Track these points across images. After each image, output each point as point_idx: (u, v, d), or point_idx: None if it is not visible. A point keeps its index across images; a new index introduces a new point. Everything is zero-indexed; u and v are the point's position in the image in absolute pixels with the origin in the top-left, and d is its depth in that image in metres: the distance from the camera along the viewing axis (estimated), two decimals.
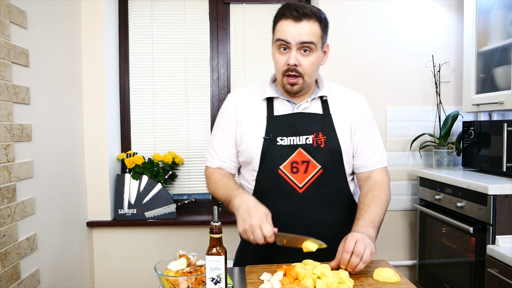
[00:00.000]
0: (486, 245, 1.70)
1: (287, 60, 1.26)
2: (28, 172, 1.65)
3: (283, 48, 1.27)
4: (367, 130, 1.39)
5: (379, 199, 1.30)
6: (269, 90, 1.37)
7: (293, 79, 1.27)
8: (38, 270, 1.71)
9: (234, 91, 1.47)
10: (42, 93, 1.79)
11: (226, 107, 1.43)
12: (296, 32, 1.23)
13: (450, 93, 2.45)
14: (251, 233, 1.15)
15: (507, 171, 1.87)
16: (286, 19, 1.24)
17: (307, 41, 1.24)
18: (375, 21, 2.40)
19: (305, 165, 1.30)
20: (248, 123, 1.36)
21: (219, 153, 1.41)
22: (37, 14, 1.75)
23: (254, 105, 1.38)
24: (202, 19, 2.53)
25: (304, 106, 1.35)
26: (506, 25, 1.95)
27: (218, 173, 1.40)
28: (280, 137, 1.31)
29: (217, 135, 1.43)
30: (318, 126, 1.33)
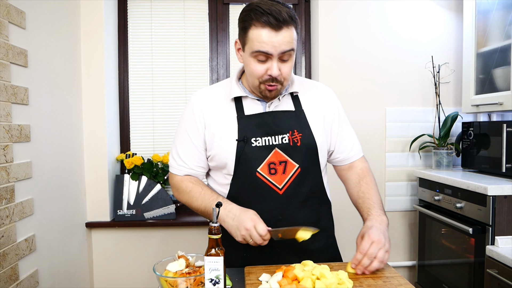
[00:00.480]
0: (486, 246, 1.70)
1: (268, 71, 1.18)
2: (27, 173, 1.64)
3: (262, 59, 1.17)
4: (342, 123, 1.38)
5: (373, 184, 1.35)
6: (237, 89, 1.29)
7: (273, 86, 1.22)
8: (37, 271, 1.71)
9: (196, 92, 1.36)
10: (41, 94, 1.79)
11: (190, 110, 1.32)
12: (278, 43, 1.13)
13: (449, 94, 2.45)
14: (249, 237, 1.14)
15: (506, 172, 1.87)
16: (263, 28, 1.13)
17: (288, 50, 1.16)
18: (374, 21, 2.40)
19: (283, 165, 1.26)
20: (217, 125, 1.28)
21: (186, 160, 1.32)
22: (36, 15, 1.75)
23: (221, 106, 1.30)
24: (202, 19, 2.53)
25: (276, 104, 1.30)
26: (506, 26, 1.95)
27: (188, 181, 1.32)
28: (254, 138, 1.25)
29: (182, 141, 1.33)
30: (293, 123, 1.28)
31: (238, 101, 1.30)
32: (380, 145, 2.43)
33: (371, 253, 1.11)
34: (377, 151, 2.43)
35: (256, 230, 1.13)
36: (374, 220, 1.22)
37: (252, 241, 1.14)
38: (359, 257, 1.12)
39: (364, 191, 1.32)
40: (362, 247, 1.13)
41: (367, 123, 2.41)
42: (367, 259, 1.11)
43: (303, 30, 2.54)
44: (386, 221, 1.24)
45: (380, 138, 2.43)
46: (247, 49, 1.19)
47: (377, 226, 1.19)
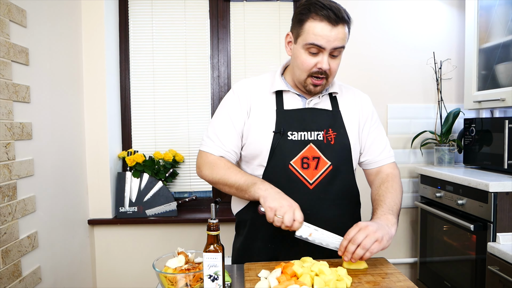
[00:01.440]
0: (487, 242, 1.70)
1: (318, 64, 1.22)
2: (29, 170, 1.65)
3: (313, 50, 1.21)
4: (374, 128, 1.41)
5: (394, 189, 1.31)
6: (279, 83, 1.33)
7: (320, 80, 1.25)
8: (39, 267, 1.72)
9: (239, 82, 1.39)
10: (42, 92, 1.80)
11: (235, 96, 1.35)
12: (333, 37, 1.18)
13: (451, 90, 2.44)
14: (282, 212, 1.12)
15: (508, 168, 1.86)
16: (321, 22, 1.17)
17: (340, 46, 1.21)
18: (376, 18, 2.39)
19: (315, 161, 1.28)
20: (257, 116, 1.32)
21: (225, 142, 1.32)
22: (37, 13, 1.76)
23: (262, 98, 1.34)
24: (202, 17, 2.53)
25: (315, 102, 1.34)
26: (508, 22, 1.94)
27: (226, 161, 1.31)
28: (291, 132, 1.28)
29: (223, 122, 1.33)
30: (328, 122, 1.32)
31: (279, 95, 1.34)
32: None
33: (356, 238, 1.09)
34: None
35: (292, 213, 1.12)
36: (377, 218, 1.21)
37: (281, 218, 1.12)
38: (344, 243, 1.11)
39: (380, 194, 1.31)
40: (348, 233, 1.12)
41: None
42: (352, 245, 1.09)
43: None
44: (391, 220, 1.21)
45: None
46: (300, 41, 1.23)
47: (376, 221, 1.19)
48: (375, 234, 1.10)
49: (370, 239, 1.09)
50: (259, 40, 2.54)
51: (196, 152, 2.55)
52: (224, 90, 2.54)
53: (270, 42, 2.54)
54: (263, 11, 2.53)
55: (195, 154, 2.55)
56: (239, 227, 1.45)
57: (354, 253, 1.09)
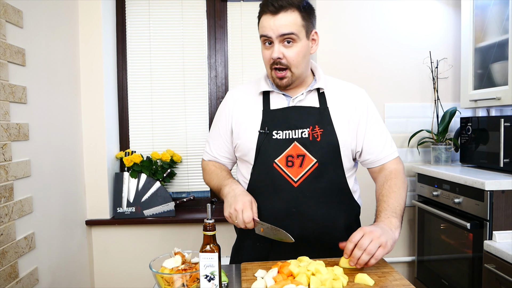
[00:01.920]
0: (483, 240, 1.71)
1: (271, 54, 1.26)
2: (26, 171, 1.65)
3: (268, 42, 1.27)
4: (372, 124, 1.36)
5: (397, 187, 1.29)
6: (264, 85, 1.37)
7: (281, 72, 1.27)
8: (36, 268, 1.72)
9: (233, 88, 1.51)
10: (39, 92, 1.79)
11: (223, 104, 1.46)
12: (275, 26, 1.22)
13: (448, 89, 2.45)
14: (235, 217, 1.21)
15: (504, 166, 1.87)
16: (265, 14, 1.25)
17: (286, 33, 1.22)
18: (372, 17, 2.40)
19: (300, 159, 1.27)
20: (244, 117, 1.36)
21: (212, 149, 1.47)
22: (33, 13, 1.76)
23: (250, 100, 1.38)
24: (200, 17, 2.53)
25: (300, 99, 1.33)
26: (503, 21, 1.95)
27: (212, 164, 1.47)
28: (276, 131, 1.30)
29: (212, 131, 1.48)
30: (315, 119, 1.30)
31: (266, 96, 1.37)
32: None
33: (362, 244, 1.07)
34: None
35: (241, 214, 1.20)
36: (380, 222, 1.19)
37: (236, 222, 1.22)
38: (350, 247, 1.09)
39: (384, 194, 1.28)
40: (353, 236, 1.10)
41: None
42: (358, 250, 1.08)
43: None
44: (395, 223, 1.19)
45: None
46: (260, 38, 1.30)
47: (379, 225, 1.17)
48: (379, 239, 1.08)
49: (375, 244, 1.07)
50: (256, 40, 2.52)
51: (193, 152, 2.55)
52: (221, 90, 2.54)
53: None
54: None
55: (193, 154, 2.55)
56: (235, 226, 1.46)
57: (360, 258, 1.08)
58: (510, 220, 1.68)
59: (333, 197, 1.31)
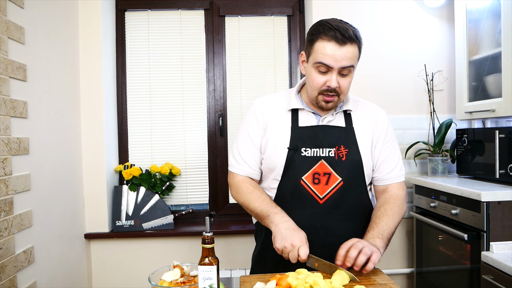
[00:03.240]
0: (481, 251, 1.71)
1: (327, 82, 1.27)
2: (26, 185, 1.66)
3: (323, 70, 1.27)
4: (388, 145, 1.42)
5: (392, 212, 1.34)
6: (295, 102, 1.39)
7: (330, 97, 1.29)
8: (35, 282, 1.72)
9: (259, 98, 1.48)
10: (39, 107, 1.82)
11: (253, 113, 1.43)
12: (340, 57, 1.22)
13: (443, 101, 2.48)
14: (287, 253, 1.19)
15: (500, 177, 1.89)
16: (329, 41, 1.22)
17: (348, 66, 1.25)
18: (367, 31, 2.44)
19: (326, 177, 1.32)
20: (273, 132, 1.38)
21: (247, 160, 1.41)
22: (34, 30, 1.79)
23: (279, 115, 1.40)
24: (198, 31, 2.58)
25: (329, 119, 1.38)
26: (496, 34, 1.99)
27: (249, 184, 1.41)
28: (304, 148, 1.33)
29: (243, 141, 1.43)
30: (341, 139, 1.35)
31: (295, 112, 1.39)
32: None
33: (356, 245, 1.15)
34: None
35: (298, 251, 1.17)
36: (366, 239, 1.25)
37: (286, 255, 1.20)
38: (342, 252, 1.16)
39: (377, 216, 1.34)
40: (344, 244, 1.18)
41: None
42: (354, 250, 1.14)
43: (298, 40, 2.58)
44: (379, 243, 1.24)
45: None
46: (310, 60, 1.30)
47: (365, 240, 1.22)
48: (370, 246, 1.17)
49: (369, 247, 1.15)
50: (254, 54, 2.59)
51: (192, 165, 2.57)
52: (220, 104, 2.57)
53: (265, 55, 2.58)
54: (258, 25, 2.58)
55: (192, 167, 2.57)
56: (256, 236, 1.50)
57: (357, 259, 1.13)
58: (506, 231, 1.69)
59: (355, 214, 1.37)
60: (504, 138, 1.86)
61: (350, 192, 1.34)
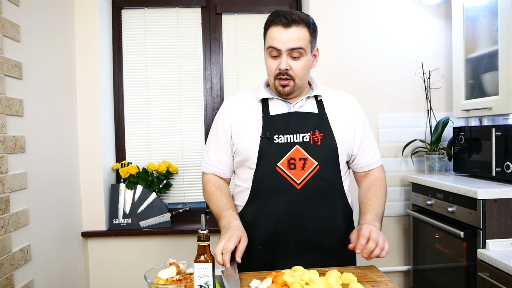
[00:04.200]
0: (477, 249, 1.72)
1: (279, 65, 1.30)
2: (22, 183, 1.66)
3: (274, 55, 1.31)
4: (366, 131, 1.45)
5: (381, 194, 1.41)
6: (264, 92, 1.41)
7: (285, 81, 1.32)
8: (32, 281, 1.72)
9: (228, 98, 1.51)
10: (36, 105, 1.81)
11: (220, 113, 1.47)
12: (286, 39, 1.27)
13: (440, 99, 2.48)
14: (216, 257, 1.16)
15: (496, 175, 1.89)
16: (275, 26, 1.29)
17: (296, 47, 1.28)
18: (365, 29, 2.44)
19: (302, 162, 1.33)
20: (244, 123, 1.40)
21: (213, 159, 1.46)
22: (30, 28, 1.78)
23: (249, 108, 1.42)
24: (195, 29, 2.57)
25: (300, 105, 1.39)
26: (492, 32, 1.99)
27: (212, 184, 1.45)
28: (277, 135, 1.34)
29: (211, 141, 1.48)
30: (315, 124, 1.36)
31: (265, 103, 1.42)
32: None
33: (373, 237, 1.16)
34: None
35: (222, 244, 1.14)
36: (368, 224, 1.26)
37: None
38: (363, 242, 1.16)
39: (369, 198, 1.38)
40: (363, 232, 1.18)
41: None
42: (372, 243, 1.15)
43: None
44: (378, 226, 1.29)
45: None
46: (265, 48, 1.36)
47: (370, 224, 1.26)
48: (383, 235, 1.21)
49: (382, 237, 1.19)
50: (251, 52, 2.58)
51: (189, 163, 2.57)
52: (217, 102, 2.57)
53: (262, 53, 2.57)
54: (255, 22, 2.58)
55: (189, 165, 2.57)
56: None
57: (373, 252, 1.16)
58: (502, 229, 1.70)
59: (331, 198, 1.38)
60: (501, 136, 1.86)
61: (326, 176, 1.35)
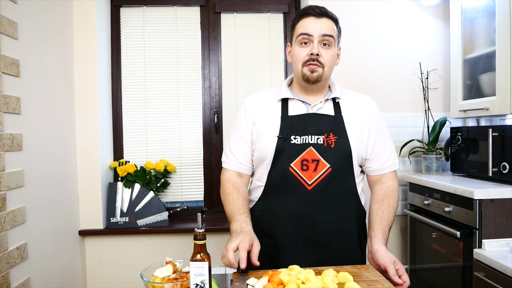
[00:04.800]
0: (473, 249, 1.72)
1: (310, 51, 1.34)
2: (19, 181, 1.66)
3: (304, 42, 1.35)
4: (381, 134, 1.45)
5: (393, 207, 1.42)
6: (285, 92, 1.44)
7: (314, 66, 1.34)
8: (28, 279, 1.72)
9: (250, 96, 1.53)
10: (33, 103, 1.81)
11: (242, 110, 1.48)
12: (319, 26, 1.33)
13: (438, 99, 2.49)
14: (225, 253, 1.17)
15: (492, 175, 1.90)
16: (308, 17, 1.35)
17: (328, 34, 1.33)
18: (363, 29, 2.44)
19: (315, 164, 1.35)
20: (263, 122, 1.42)
21: (236, 154, 1.46)
22: (28, 25, 1.78)
23: (269, 106, 1.45)
24: (194, 28, 2.57)
25: (318, 107, 1.41)
26: (490, 33, 1.99)
27: (231, 184, 1.44)
28: (294, 136, 1.36)
29: (234, 137, 1.48)
30: (330, 127, 1.38)
31: (285, 103, 1.43)
32: None
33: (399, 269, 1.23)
34: None
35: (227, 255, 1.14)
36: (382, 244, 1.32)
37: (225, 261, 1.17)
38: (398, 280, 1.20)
39: (384, 211, 1.40)
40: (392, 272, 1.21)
41: None
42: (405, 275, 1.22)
43: None
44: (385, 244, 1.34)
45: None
46: (293, 40, 1.39)
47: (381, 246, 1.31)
48: None
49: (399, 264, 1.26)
50: (250, 51, 2.58)
51: (187, 162, 2.57)
52: (215, 101, 2.57)
53: (261, 52, 2.58)
54: (254, 22, 2.58)
55: (187, 164, 2.57)
56: None
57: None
58: (498, 229, 1.71)
59: (343, 201, 1.39)
60: (498, 136, 1.86)
61: (338, 179, 1.37)
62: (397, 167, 1.49)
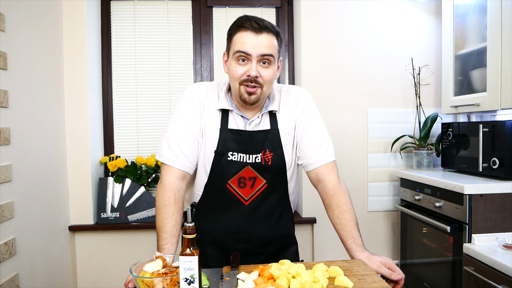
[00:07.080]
0: (463, 243, 1.74)
1: (248, 71, 1.24)
2: (6, 176, 1.63)
3: (242, 59, 1.24)
4: (310, 127, 1.38)
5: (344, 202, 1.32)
6: (224, 102, 1.34)
7: (252, 88, 1.25)
8: (17, 275, 1.69)
9: (193, 85, 1.39)
10: (21, 96, 1.78)
11: (190, 99, 1.34)
12: (258, 44, 1.22)
13: (429, 95, 2.50)
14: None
15: (483, 171, 1.91)
16: (245, 31, 1.23)
17: (267, 54, 1.23)
18: (356, 25, 2.44)
19: (252, 181, 1.35)
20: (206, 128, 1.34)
21: (185, 150, 1.30)
22: (16, 17, 1.74)
23: (212, 109, 1.35)
24: (185, 22, 2.54)
25: (256, 123, 1.35)
26: (482, 29, 2.00)
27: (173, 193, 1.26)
28: (231, 153, 1.33)
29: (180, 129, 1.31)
30: (266, 143, 1.34)
31: (225, 113, 1.35)
32: (362, 146, 2.47)
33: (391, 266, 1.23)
34: (359, 152, 2.46)
35: None
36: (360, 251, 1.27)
37: None
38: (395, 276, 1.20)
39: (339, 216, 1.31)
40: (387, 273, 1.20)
41: (350, 125, 2.45)
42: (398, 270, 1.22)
43: (287, 32, 2.57)
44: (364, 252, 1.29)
45: (363, 139, 2.46)
46: (231, 53, 1.27)
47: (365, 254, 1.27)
48: None
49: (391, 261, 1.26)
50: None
51: None
52: None
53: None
54: None
55: None
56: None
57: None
58: (488, 223, 1.72)
59: (277, 211, 1.42)
60: (488, 132, 1.88)
61: (273, 193, 1.38)
62: (332, 159, 1.37)
